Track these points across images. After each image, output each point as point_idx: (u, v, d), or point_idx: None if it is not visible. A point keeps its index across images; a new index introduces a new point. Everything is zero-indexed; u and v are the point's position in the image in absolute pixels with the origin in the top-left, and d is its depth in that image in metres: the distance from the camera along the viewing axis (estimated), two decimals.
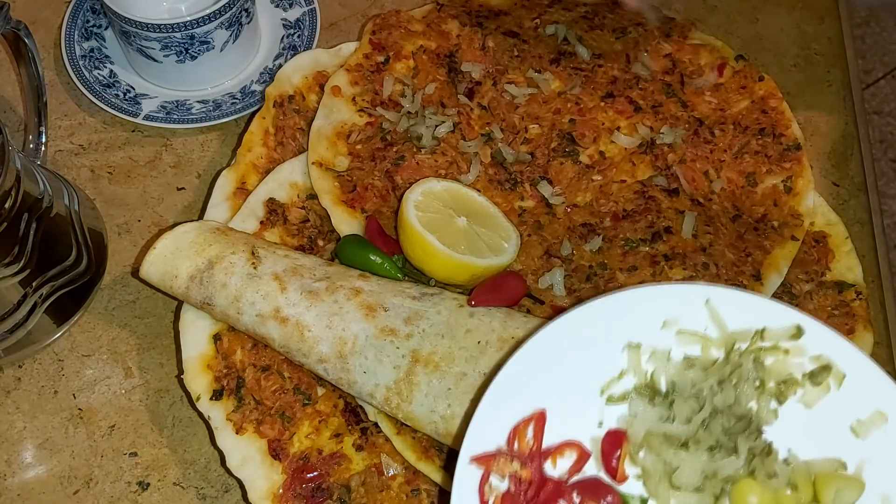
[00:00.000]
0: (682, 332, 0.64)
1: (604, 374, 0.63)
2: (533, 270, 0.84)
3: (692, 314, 0.64)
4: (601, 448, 0.62)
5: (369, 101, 0.93)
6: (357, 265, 0.82)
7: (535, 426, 0.61)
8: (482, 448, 0.61)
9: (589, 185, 0.89)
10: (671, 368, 0.63)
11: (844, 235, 0.89)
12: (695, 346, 0.64)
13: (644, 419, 0.62)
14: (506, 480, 0.60)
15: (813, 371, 0.62)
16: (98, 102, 1.00)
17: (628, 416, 0.62)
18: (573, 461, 0.61)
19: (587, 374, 0.63)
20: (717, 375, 0.62)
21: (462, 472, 0.60)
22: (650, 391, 0.63)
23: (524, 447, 0.61)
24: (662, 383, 0.63)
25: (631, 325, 0.64)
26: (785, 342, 0.63)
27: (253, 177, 0.90)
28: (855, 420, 0.62)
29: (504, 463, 0.60)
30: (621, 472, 0.61)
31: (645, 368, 0.63)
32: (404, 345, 0.74)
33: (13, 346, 0.84)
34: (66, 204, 0.87)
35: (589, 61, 0.97)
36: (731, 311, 0.64)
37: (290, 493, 0.75)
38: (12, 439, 0.83)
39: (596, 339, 0.63)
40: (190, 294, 0.80)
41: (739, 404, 0.62)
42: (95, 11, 1.06)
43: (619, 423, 0.62)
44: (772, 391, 0.62)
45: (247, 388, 0.79)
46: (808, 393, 0.62)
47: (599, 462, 0.61)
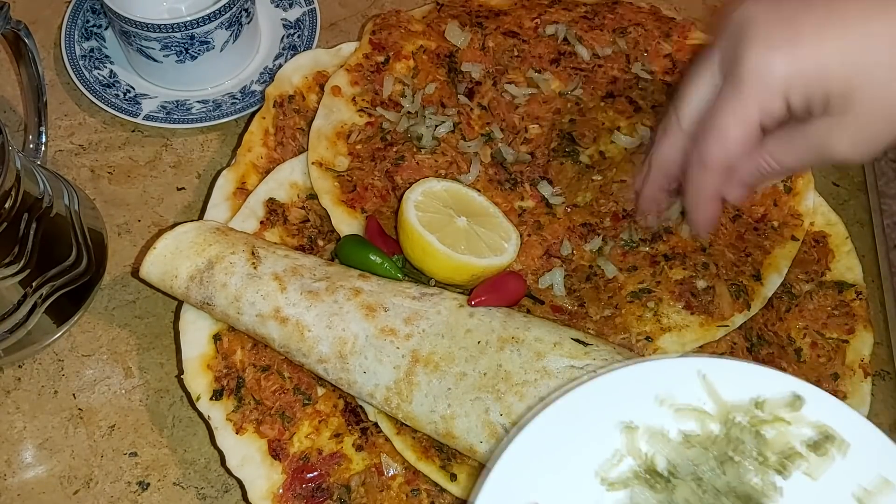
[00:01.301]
0: (678, 407, 0.62)
1: (599, 457, 0.60)
2: (533, 270, 0.84)
3: (687, 388, 0.62)
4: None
5: (369, 101, 0.93)
6: (357, 265, 0.82)
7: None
8: None
9: (589, 185, 0.89)
10: (669, 448, 0.61)
11: (844, 235, 0.89)
12: (692, 422, 0.61)
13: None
14: None
15: (816, 441, 0.60)
16: (98, 102, 1.00)
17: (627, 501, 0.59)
18: None
19: (582, 461, 0.60)
20: (717, 453, 0.60)
21: None
22: (650, 476, 0.60)
23: None
24: (662, 465, 0.61)
25: (624, 405, 0.61)
26: (784, 412, 0.61)
27: (253, 177, 0.90)
28: (860, 489, 0.60)
29: None
30: None
31: (642, 449, 0.61)
32: (404, 345, 0.74)
33: (13, 346, 0.84)
34: (66, 204, 0.87)
35: (589, 61, 0.97)
36: (727, 383, 0.62)
37: (290, 493, 0.75)
38: (12, 439, 0.83)
39: (589, 422, 0.61)
40: (190, 294, 0.80)
41: (742, 483, 0.60)
42: (95, 11, 1.06)
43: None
44: (774, 465, 0.60)
45: (247, 388, 0.79)
46: (811, 464, 0.60)
47: None
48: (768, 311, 0.84)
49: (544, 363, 0.71)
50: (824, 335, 0.83)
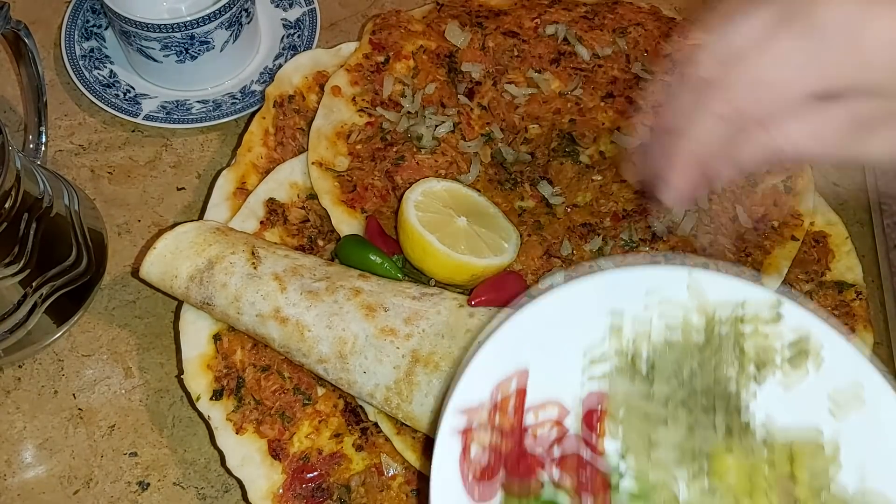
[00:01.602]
0: (665, 303, 0.65)
1: (587, 338, 0.64)
2: (533, 270, 0.84)
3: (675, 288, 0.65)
4: (582, 411, 0.63)
5: (369, 101, 0.93)
6: (357, 265, 0.82)
7: (517, 382, 0.62)
8: (467, 402, 0.61)
9: (589, 185, 0.89)
10: (652, 337, 0.64)
11: (844, 235, 0.89)
12: (677, 318, 0.64)
13: (625, 396, 0.63)
14: (486, 452, 0.61)
15: (792, 355, 0.63)
16: (98, 102, 1.00)
17: (609, 392, 0.63)
18: (554, 418, 0.62)
19: (571, 340, 0.64)
20: (697, 357, 0.63)
21: (443, 441, 0.61)
22: (631, 368, 0.64)
23: (506, 415, 0.62)
24: (644, 351, 0.64)
25: (615, 296, 0.65)
26: (764, 325, 0.64)
27: (253, 177, 0.90)
28: (832, 402, 0.63)
29: (484, 434, 0.61)
30: (600, 446, 0.62)
31: (626, 336, 0.64)
32: (404, 345, 0.74)
33: (13, 346, 0.84)
34: (66, 204, 0.87)
35: (589, 61, 0.97)
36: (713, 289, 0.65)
37: (290, 493, 0.75)
38: (12, 439, 0.83)
39: (582, 309, 0.64)
40: (190, 294, 0.80)
41: (719, 385, 0.62)
42: (95, 11, 1.06)
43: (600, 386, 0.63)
44: (751, 374, 0.63)
45: (247, 388, 0.79)
46: (786, 375, 0.63)
47: (579, 421, 0.62)
48: None
49: None
50: None
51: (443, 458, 0.60)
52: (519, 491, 0.60)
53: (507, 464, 0.61)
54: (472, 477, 0.60)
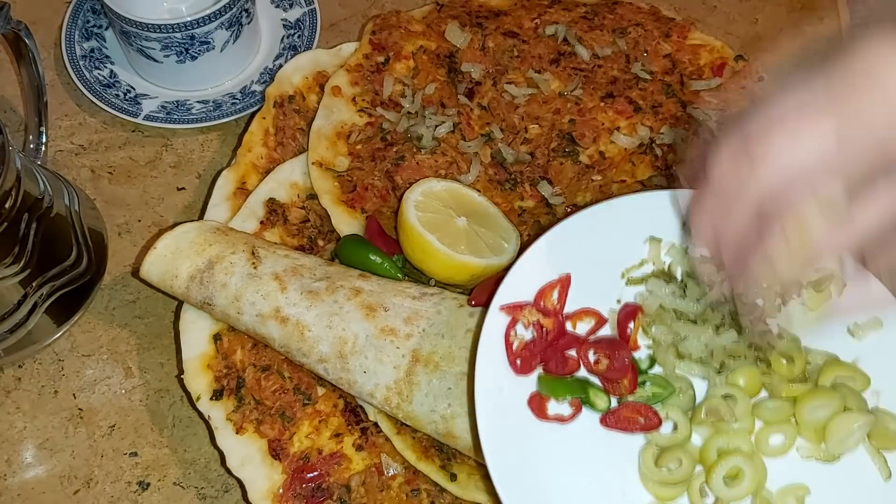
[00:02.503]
0: None
1: (626, 260, 0.70)
2: None
3: None
4: (617, 318, 0.69)
5: (369, 101, 0.93)
6: (357, 265, 0.82)
7: (560, 288, 0.69)
8: (512, 299, 0.67)
9: (589, 185, 0.89)
10: (687, 262, 0.70)
11: None
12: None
13: (658, 296, 0.69)
14: (530, 329, 0.67)
15: (817, 279, 0.65)
16: (98, 102, 1.00)
17: (644, 292, 0.69)
18: (591, 326, 0.69)
19: (611, 258, 0.70)
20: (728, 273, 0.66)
21: (491, 318, 0.67)
22: (666, 276, 0.70)
23: (549, 303, 0.68)
24: (678, 272, 0.70)
25: (655, 222, 0.71)
26: None
27: (253, 177, 0.90)
28: (853, 323, 0.68)
29: (530, 312, 0.67)
30: (633, 340, 0.68)
31: (663, 259, 0.71)
32: (404, 345, 0.74)
33: (13, 346, 0.84)
34: (67, 204, 0.87)
35: (589, 61, 0.97)
36: None
37: (290, 492, 0.75)
38: (12, 439, 0.83)
39: (621, 230, 0.71)
40: (190, 294, 0.80)
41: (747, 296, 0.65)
42: (96, 11, 1.06)
43: (635, 299, 0.70)
44: (777, 291, 0.65)
45: (247, 388, 0.79)
46: (810, 297, 0.66)
47: (614, 330, 0.69)
48: None
49: None
50: None
51: (490, 330, 0.66)
52: (556, 367, 0.66)
53: (547, 340, 0.67)
54: (515, 350, 0.67)
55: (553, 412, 0.66)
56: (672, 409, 0.65)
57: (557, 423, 0.65)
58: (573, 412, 0.66)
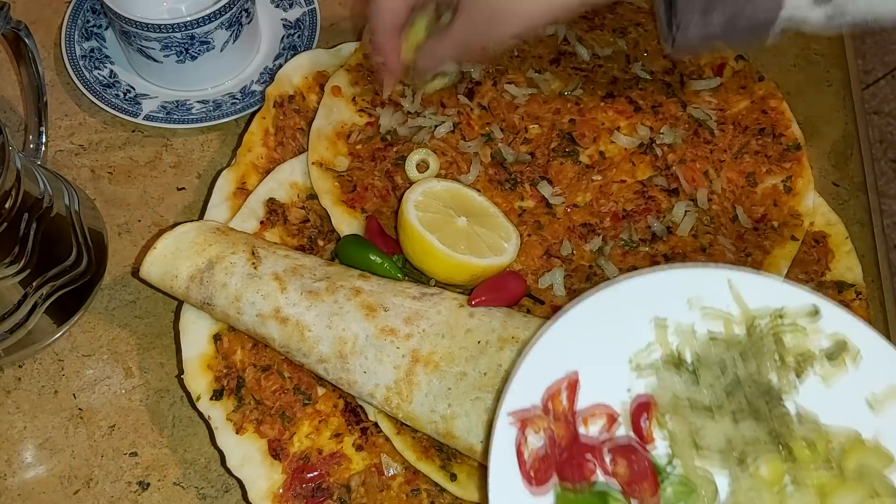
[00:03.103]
0: (706, 309, 0.68)
1: (632, 346, 0.67)
2: (533, 270, 0.84)
3: (715, 294, 0.68)
4: (630, 412, 0.65)
5: (369, 101, 0.93)
6: (357, 265, 0.82)
7: (568, 389, 0.65)
8: (519, 406, 0.64)
9: (589, 185, 0.89)
10: (696, 343, 0.67)
11: (844, 235, 0.88)
12: (718, 323, 0.67)
13: (671, 387, 0.66)
14: (541, 439, 0.64)
15: (830, 349, 0.65)
16: (98, 102, 1.00)
17: (656, 383, 0.66)
18: (603, 425, 0.65)
19: (617, 347, 0.67)
20: (739, 350, 0.66)
21: (501, 430, 0.64)
22: (676, 362, 0.67)
23: (558, 408, 0.65)
24: (688, 356, 0.67)
25: (658, 304, 0.68)
26: (803, 321, 0.66)
27: (253, 177, 0.90)
28: (871, 395, 0.65)
29: (540, 422, 0.64)
30: (648, 434, 0.65)
31: (671, 342, 0.67)
32: (404, 345, 0.74)
33: (13, 346, 0.84)
34: (67, 204, 0.87)
35: (589, 61, 0.97)
36: (752, 292, 0.67)
37: (290, 492, 0.75)
38: (12, 439, 0.83)
39: (625, 315, 0.67)
40: (190, 294, 0.80)
41: (761, 377, 0.65)
42: (95, 11, 1.06)
43: (646, 389, 0.66)
44: (791, 365, 0.65)
45: (247, 388, 0.79)
46: (825, 369, 0.65)
47: (628, 425, 0.65)
48: None
49: None
50: None
51: (501, 444, 0.63)
52: (573, 476, 0.63)
53: (561, 450, 0.64)
54: (529, 463, 0.63)
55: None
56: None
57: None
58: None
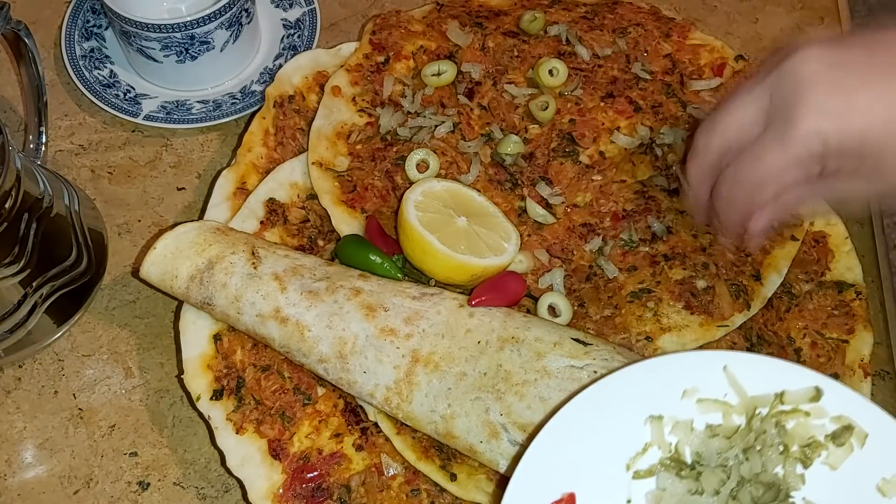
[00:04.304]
0: (703, 400, 0.64)
1: (628, 449, 0.63)
2: (533, 270, 0.84)
3: (711, 381, 0.64)
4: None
5: (369, 101, 0.93)
6: (357, 265, 0.82)
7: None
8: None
9: (589, 185, 0.89)
10: (695, 439, 0.63)
11: (844, 235, 0.88)
12: (716, 414, 0.64)
13: (673, 493, 0.62)
14: None
15: (835, 432, 0.62)
16: (98, 102, 1.00)
17: (657, 490, 0.62)
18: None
19: (612, 451, 0.63)
20: (741, 443, 0.62)
21: None
22: (676, 464, 0.63)
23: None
24: (688, 454, 0.63)
25: (651, 397, 0.63)
26: (805, 404, 0.63)
27: (253, 177, 0.90)
28: (881, 479, 0.61)
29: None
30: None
31: (669, 440, 0.63)
32: (404, 345, 0.74)
33: (13, 346, 0.84)
34: (67, 204, 0.87)
35: (589, 61, 0.97)
36: (749, 376, 0.64)
37: (290, 492, 0.75)
38: (12, 439, 0.83)
39: (617, 414, 0.63)
40: (190, 294, 0.80)
41: (766, 471, 0.62)
42: (95, 11, 1.06)
43: (647, 499, 0.62)
44: (796, 455, 0.62)
45: (247, 388, 0.79)
46: (832, 454, 0.62)
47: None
48: (768, 311, 0.84)
49: (544, 363, 0.72)
50: (824, 335, 0.83)
51: None
52: None
53: None
54: None
55: None
56: None
57: None
58: None
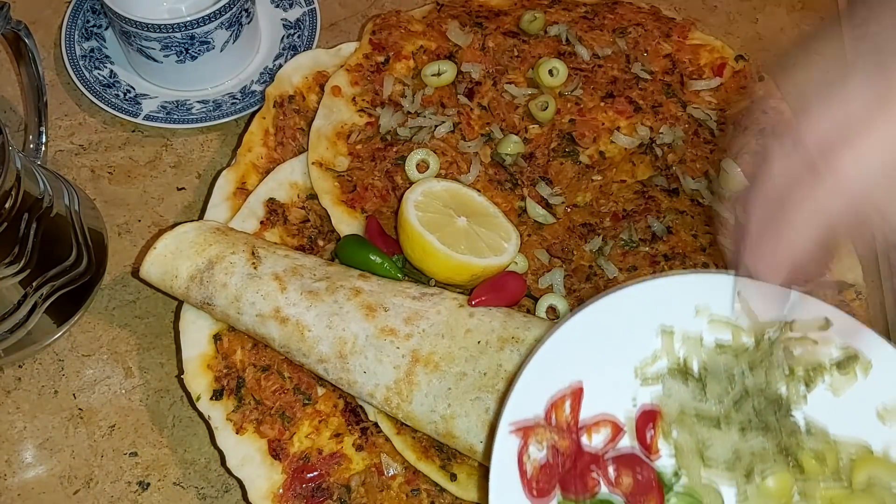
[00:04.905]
0: (714, 319, 0.66)
1: (638, 355, 0.65)
2: (533, 270, 0.84)
3: (724, 303, 0.66)
4: (635, 424, 0.64)
5: (369, 101, 0.93)
6: (357, 265, 0.82)
7: (572, 399, 0.63)
8: (522, 416, 0.62)
9: (589, 185, 0.89)
10: (703, 353, 0.65)
11: None
12: (726, 333, 0.65)
13: (677, 398, 0.64)
14: (544, 450, 0.62)
15: (840, 360, 0.64)
16: (98, 102, 1.00)
17: (662, 394, 0.64)
18: (608, 436, 0.63)
19: (622, 355, 0.65)
20: (747, 361, 0.64)
21: (502, 440, 0.62)
22: (683, 373, 0.65)
23: (561, 418, 0.63)
24: (695, 366, 0.65)
25: (664, 311, 0.65)
26: (813, 333, 0.64)
27: (253, 177, 0.90)
28: (881, 407, 0.63)
29: (542, 432, 0.62)
30: (654, 447, 0.63)
31: (678, 352, 0.65)
32: (404, 345, 0.74)
33: (13, 346, 0.84)
34: (67, 204, 0.87)
35: (589, 61, 0.97)
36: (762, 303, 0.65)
37: (290, 492, 0.75)
38: (12, 439, 0.83)
39: (630, 322, 0.65)
40: (190, 294, 0.80)
41: (770, 387, 0.63)
42: (95, 11, 1.06)
43: (652, 400, 0.64)
44: (800, 377, 0.63)
45: (247, 388, 0.79)
46: (835, 380, 0.64)
47: (633, 437, 0.63)
48: None
49: None
50: None
51: (502, 455, 0.62)
52: (576, 489, 0.62)
53: (564, 461, 0.62)
54: (531, 475, 0.62)
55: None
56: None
57: None
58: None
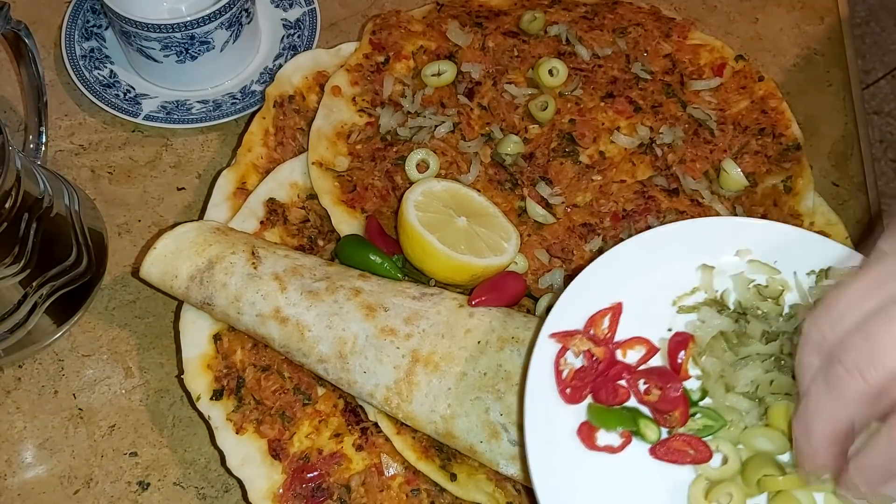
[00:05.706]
0: (754, 261, 0.70)
1: (678, 288, 0.70)
2: (533, 270, 0.84)
3: (764, 247, 0.70)
4: (668, 347, 0.68)
5: (369, 101, 0.93)
6: (357, 265, 0.82)
7: (611, 317, 0.68)
8: (562, 327, 0.67)
9: (589, 185, 0.89)
10: (740, 292, 0.69)
11: (844, 235, 0.88)
12: (763, 276, 0.69)
13: (711, 325, 0.68)
14: (580, 357, 0.66)
15: None
16: (98, 102, 1.00)
17: (696, 322, 0.68)
18: (641, 354, 0.68)
19: (660, 287, 0.69)
20: (783, 304, 0.68)
21: (541, 346, 0.66)
22: (719, 305, 0.69)
23: (599, 331, 0.67)
24: (731, 302, 0.69)
25: (705, 249, 0.70)
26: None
27: (253, 177, 0.90)
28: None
29: (580, 341, 0.66)
30: (684, 370, 0.67)
31: (716, 288, 0.70)
32: (404, 345, 0.74)
33: (13, 346, 0.84)
34: (67, 204, 0.87)
35: (589, 61, 0.97)
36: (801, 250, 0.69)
37: (290, 492, 0.75)
38: (12, 439, 0.83)
39: (673, 256, 0.70)
40: (190, 294, 0.80)
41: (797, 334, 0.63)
42: (95, 11, 1.06)
43: (686, 328, 0.68)
44: None
45: (247, 388, 0.79)
46: None
47: (665, 359, 0.68)
48: None
49: None
50: None
51: (541, 357, 0.65)
52: (607, 399, 0.66)
53: (598, 372, 0.66)
54: (565, 379, 0.66)
55: (603, 442, 0.64)
56: (722, 443, 0.64)
57: (607, 454, 0.64)
58: (623, 443, 0.65)
